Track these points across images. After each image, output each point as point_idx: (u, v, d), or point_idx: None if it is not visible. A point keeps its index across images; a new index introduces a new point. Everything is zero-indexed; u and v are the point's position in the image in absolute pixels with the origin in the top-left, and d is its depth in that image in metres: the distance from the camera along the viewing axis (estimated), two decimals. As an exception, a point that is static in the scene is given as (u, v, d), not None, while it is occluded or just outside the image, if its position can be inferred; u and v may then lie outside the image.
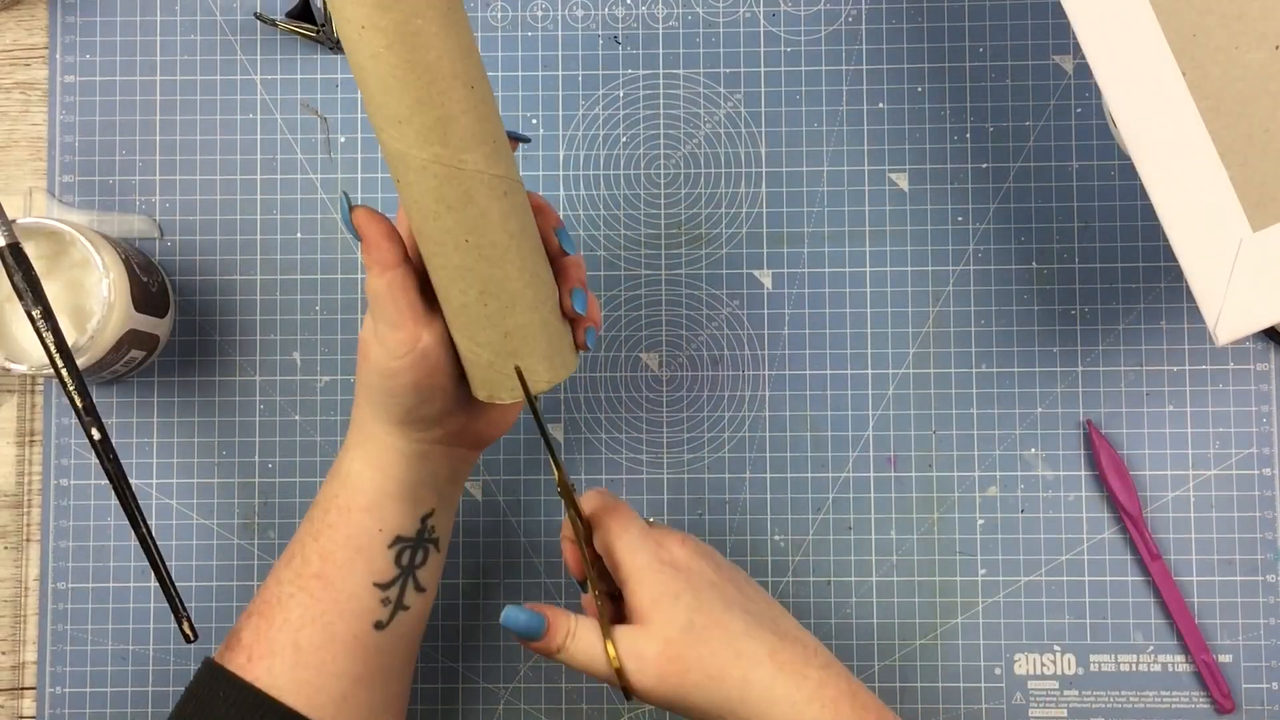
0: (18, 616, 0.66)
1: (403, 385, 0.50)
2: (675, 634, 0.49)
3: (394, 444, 0.53)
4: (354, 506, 0.53)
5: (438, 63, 0.45)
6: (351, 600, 0.53)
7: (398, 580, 0.54)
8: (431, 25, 0.45)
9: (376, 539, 0.53)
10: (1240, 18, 0.50)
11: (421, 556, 0.55)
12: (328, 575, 0.52)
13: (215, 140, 0.67)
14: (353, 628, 0.52)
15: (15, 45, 0.68)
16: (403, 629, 0.54)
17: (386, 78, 0.45)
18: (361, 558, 0.53)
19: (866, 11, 0.67)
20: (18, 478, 0.66)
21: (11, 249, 0.56)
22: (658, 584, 0.50)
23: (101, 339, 0.59)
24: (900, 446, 0.65)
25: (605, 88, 0.67)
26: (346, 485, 0.53)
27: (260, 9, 0.67)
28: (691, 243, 0.66)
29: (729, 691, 0.49)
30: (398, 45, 0.45)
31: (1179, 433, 0.65)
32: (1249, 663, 0.64)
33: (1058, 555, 0.64)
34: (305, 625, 0.52)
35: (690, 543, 0.52)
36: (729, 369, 0.66)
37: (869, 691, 0.51)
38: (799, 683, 0.50)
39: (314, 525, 0.54)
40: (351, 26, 0.45)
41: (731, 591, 0.51)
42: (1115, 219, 0.65)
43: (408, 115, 0.45)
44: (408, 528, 0.54)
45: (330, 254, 0.66)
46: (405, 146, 0.46)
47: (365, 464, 0.53)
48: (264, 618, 0.52)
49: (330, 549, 0.53)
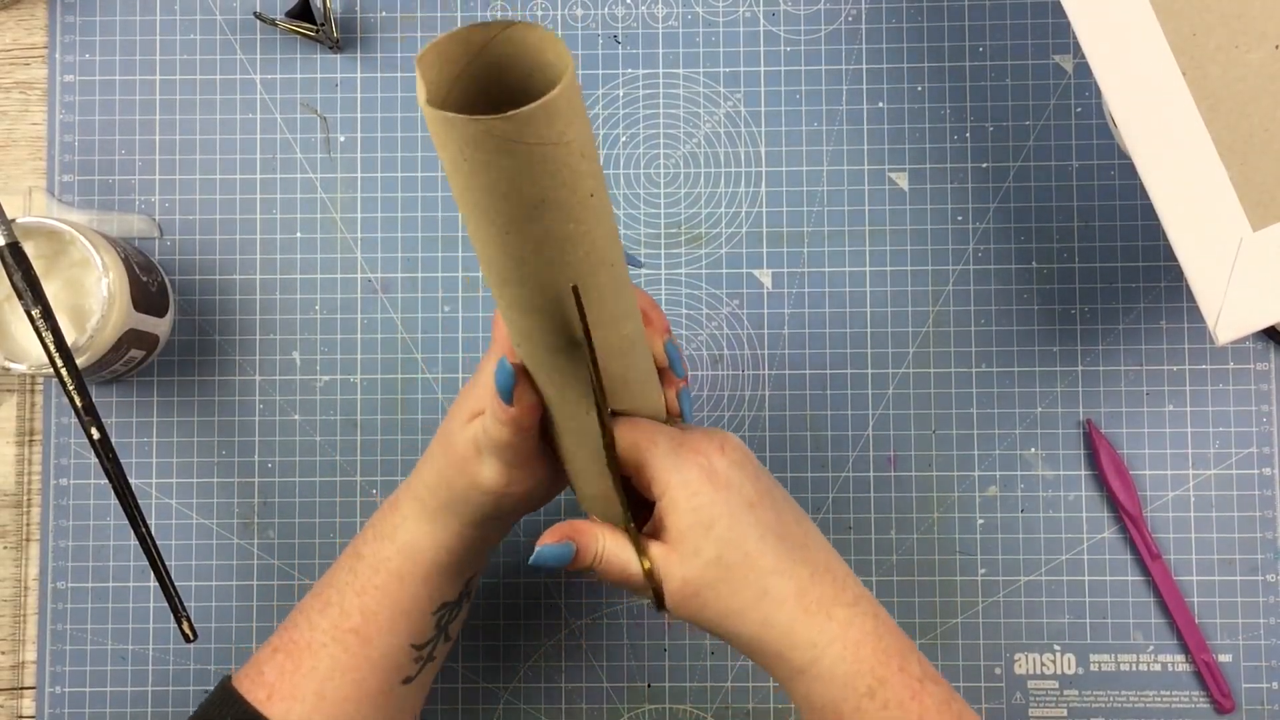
0: (18, 616, 0.66)
1: (508, 504, 0.50)
2: (699, 569, 0.47)
3: (464, 532, 0.52)
4: (407, 575, 0.52)
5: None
6: (385, 658, 0.52)
7: (433, 639, 0.54)
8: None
9: (424, 606, 0.53)
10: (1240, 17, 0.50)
11: (456, 613, 0.55)
12: (367, 634, 0.52)
13: (215, 140, 0.67)
14: (383, 684, 0.52)
15: (15, 45, 0.68)
16: (425, 676, 0.55)
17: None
18: (405, 621, 0.52)
19: (866, 11, 0.66)
20: (18, 477, 0.66)
21: (11, 248, 0.56)
22: (691, 510, 0.47)
23: (101, 339, 0.59)
24: (900, 446, 0.65)
25: (605, 87, 0.67)
26: (402, 553, 0.52)
27: (260, 9, 0.67)
28: (691, 242, 0.66)
29: (746, 629, 0.47)
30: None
31: (1179, 432, 0.65)
32: (1249, 662, 0.64)
33: (1058, 555, 0.64)
34: (335, 676, 0.51)
35: (729, 448, 0.48)
36: (729, 369, 0.66)
37: (895, 630, 0.49)
38: (822, 624, 0.47)
39: (359, 580, 0.53)
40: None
41: (768, 514, 0.48)
42: (1115, 219, 0.65)
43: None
44: (453, 594, 0.54)
45: (330, 254, 0.66)
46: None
47: (428, 541, 0.52)
48: (291, 659, 0.52)
49: (375, 609, 0.52)
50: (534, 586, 0.66)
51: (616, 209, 0.66)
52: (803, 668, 0.47)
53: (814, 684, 0.47)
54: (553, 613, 0.65)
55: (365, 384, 0.66)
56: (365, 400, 0.66)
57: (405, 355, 0.66)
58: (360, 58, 0.67)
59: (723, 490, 0.47)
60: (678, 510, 0.47)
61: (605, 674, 0.65)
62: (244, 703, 0.51)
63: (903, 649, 0.48)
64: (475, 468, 0.49)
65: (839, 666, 0.47)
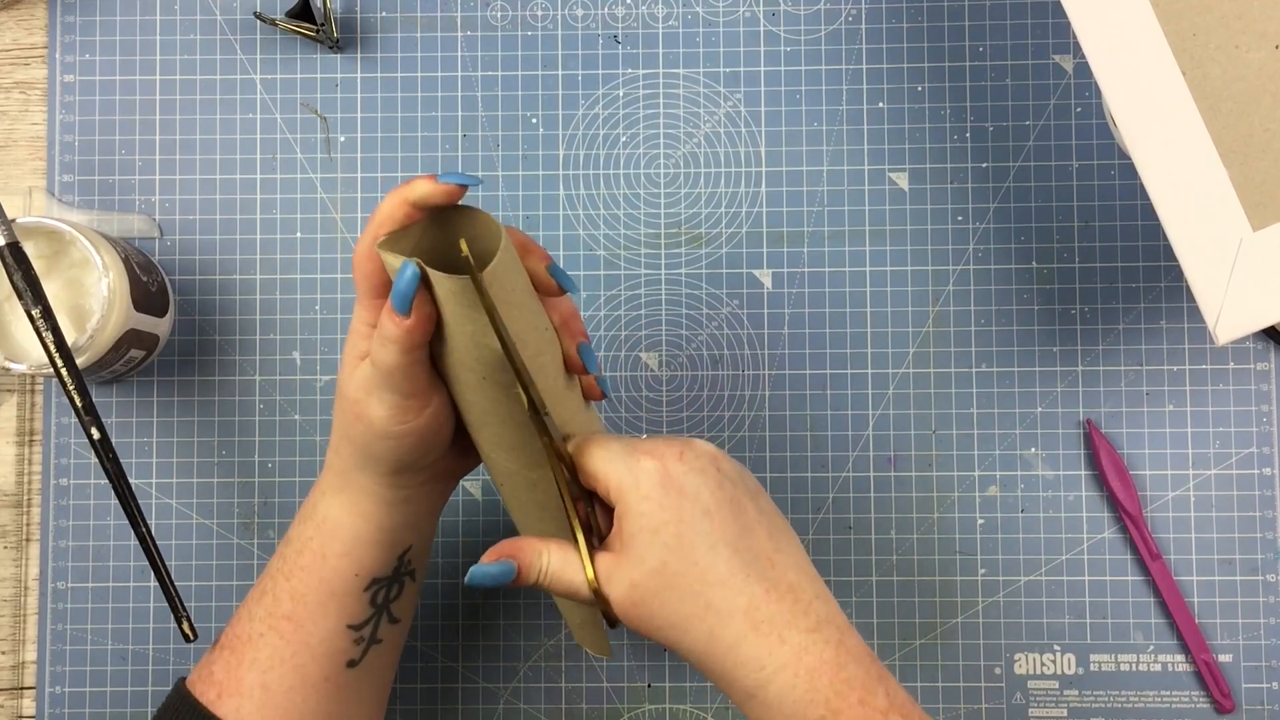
0: (18, 616, 0.66)
1: (407, 444, 0.48)
2: (643, 576, 0.45)
3: (379, 491, 0.50)
4: (329, 552, 0.51)
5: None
6: (323, 643, 0.51)
7: (371, 619, 0.52)
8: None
9: (352, 583, 0.51)
10: (1240, 17, 0.50)
11: (397, 590, 0.53)
12: (299, 618, 0.51)
13: (215, 140, 0.67)
14: (324, 669, 0.51)
15: (15, 45, 0.68)
16: (376, 661, 0.53)
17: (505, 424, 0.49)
18: (335, 601, 0.51)
19: (866, 11, 0.67)
20: (17, 477, 0.66)
21: (11, 248, 0.56)
22: (640, 514, 0.45)
23: (101, 338, 0.59)
24: (900, 446, 0.65)
25: (605, 87, 0.67)
26: (322, 530, 0.51)
27: (260, 9, 0.67)
28: (691, 243, 0.66)
29: (692, 643, 0.45)
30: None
31: (1179, 432, 0.65)
32: (1249, 662, 0.64)
33: (1058, 555, 0.64)
34: (275, 666, 0.51)
35: (690, 455, 0.46)
36: (729, 369, 0.66)
37: (864, 658, 0.46)
38: (772, 647, 0.45)
39: (286, 564, 0.52)
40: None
41: (726, 522, 0.45)
42: (1115, 219, 0.65)
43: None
44: (384, 568, 0.52)
45: (330, 254, 0.66)
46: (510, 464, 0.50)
47: (345, 510, 0.51)
48: (234, 653, 0.51)
49: (302, 591, 0.51)
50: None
51: (616, 208, 0.66)
52: (751, 691, 0.45)
53: (763, 710, 0.45)
54: (553, 613, 0.65)
55: (365, 384, 0.66)
56: (365, 400, 0.66)
57: (405, 355, 0.66)
58: (360, 58, 0.67)
59: (674, 495, 0.45)
60: (629, 514, 0.45)
61: (605, 674, 0.65)
62: (197, 705, 0.51)
63: (868, 679, 0.45)
64: (367, 409, 0.47)
65: (788, 694, 0.44)
